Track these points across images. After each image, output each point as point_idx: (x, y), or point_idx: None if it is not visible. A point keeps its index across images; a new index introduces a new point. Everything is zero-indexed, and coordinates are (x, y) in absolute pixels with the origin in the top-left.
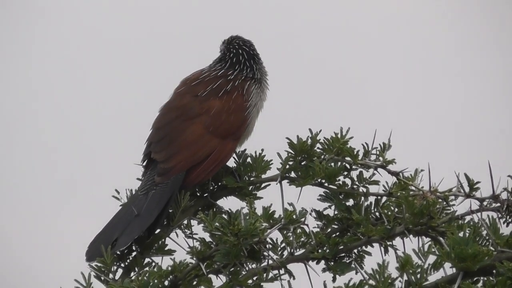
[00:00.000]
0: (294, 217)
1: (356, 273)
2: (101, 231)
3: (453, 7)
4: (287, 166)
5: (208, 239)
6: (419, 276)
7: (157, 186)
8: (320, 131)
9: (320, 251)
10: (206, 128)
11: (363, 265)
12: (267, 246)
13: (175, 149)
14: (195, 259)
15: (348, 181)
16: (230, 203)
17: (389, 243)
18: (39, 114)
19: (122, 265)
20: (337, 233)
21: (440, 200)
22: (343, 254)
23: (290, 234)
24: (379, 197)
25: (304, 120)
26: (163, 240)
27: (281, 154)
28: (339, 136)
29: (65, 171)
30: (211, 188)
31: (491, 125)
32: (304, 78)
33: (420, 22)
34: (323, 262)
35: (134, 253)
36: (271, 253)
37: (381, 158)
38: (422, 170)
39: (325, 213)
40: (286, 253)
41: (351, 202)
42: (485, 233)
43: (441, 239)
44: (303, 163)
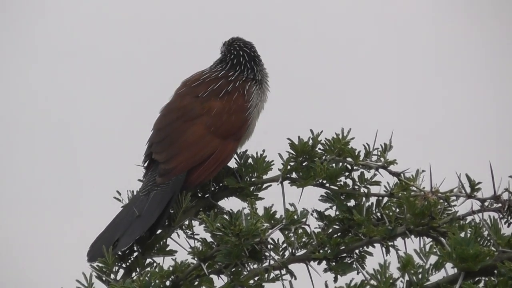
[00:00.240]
0: (295, 217)
1: (358, 273)
2: (102, 231)
3: (453, 7)
4: (289, 167)
5: (209, 239)
6: (420, 276)
7: (158, 186)
8: (321, 131)
9: (321, 251)
10: (207, 129)
11: (365, 266)
12: (269, 246)
13: (176, 150)
14: (196, 259)
15: (350, 181)
16: (232, 203)
17: (390, 243)
18: (39, 114)
19: (124, 265)
20: (339, 234)
21: (441, 200)
22: (345, 255)
23: (292, 234)
24: (380, 198)
25: (305, 121)
26: (164, 240)
27: (283, 155)
28: (340, 137)
29: (66, 172)
30: (212, 188)
31: (492, 125)
32: (304, 78)
33: (420, 22)
34: (324, 262)
35: (135, 254)
36: (272, 253)
37: (382, 159)
38: (423, 171)
39: (326, 213)
40: (287, 253)
41: (352, 203)
42: (486, 233)
43: (442, 239)
44: (304, 164)
